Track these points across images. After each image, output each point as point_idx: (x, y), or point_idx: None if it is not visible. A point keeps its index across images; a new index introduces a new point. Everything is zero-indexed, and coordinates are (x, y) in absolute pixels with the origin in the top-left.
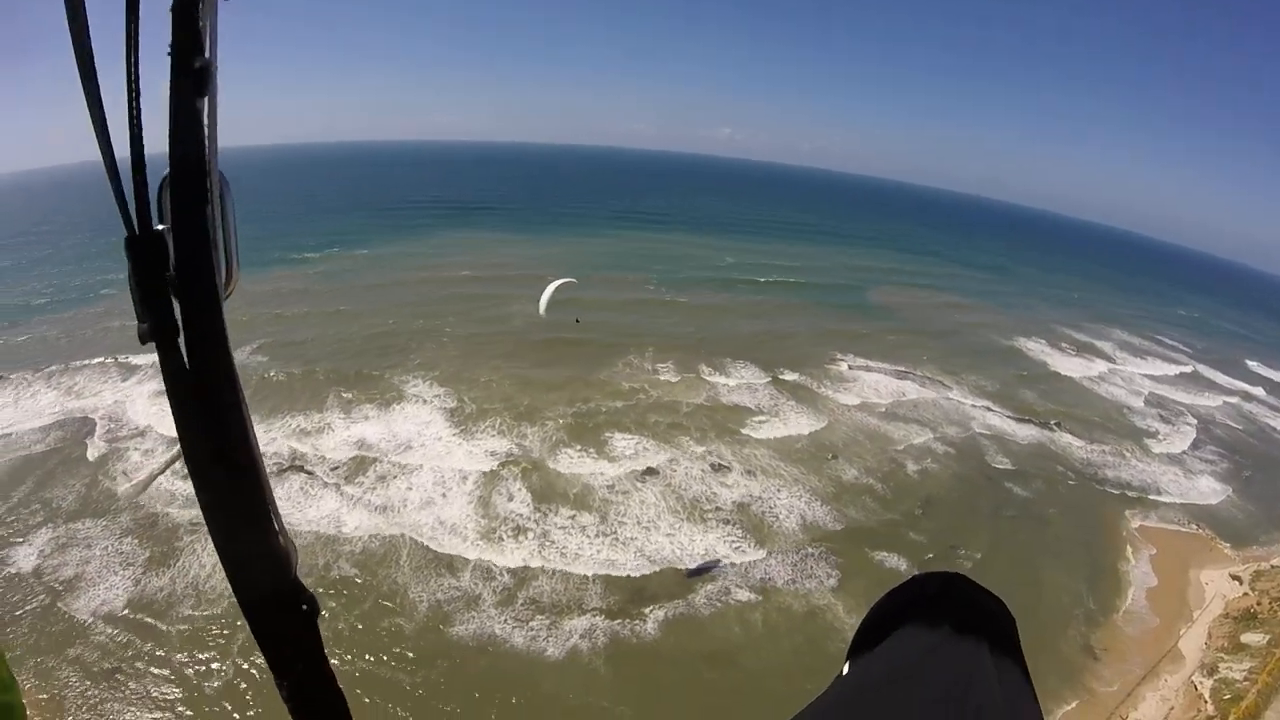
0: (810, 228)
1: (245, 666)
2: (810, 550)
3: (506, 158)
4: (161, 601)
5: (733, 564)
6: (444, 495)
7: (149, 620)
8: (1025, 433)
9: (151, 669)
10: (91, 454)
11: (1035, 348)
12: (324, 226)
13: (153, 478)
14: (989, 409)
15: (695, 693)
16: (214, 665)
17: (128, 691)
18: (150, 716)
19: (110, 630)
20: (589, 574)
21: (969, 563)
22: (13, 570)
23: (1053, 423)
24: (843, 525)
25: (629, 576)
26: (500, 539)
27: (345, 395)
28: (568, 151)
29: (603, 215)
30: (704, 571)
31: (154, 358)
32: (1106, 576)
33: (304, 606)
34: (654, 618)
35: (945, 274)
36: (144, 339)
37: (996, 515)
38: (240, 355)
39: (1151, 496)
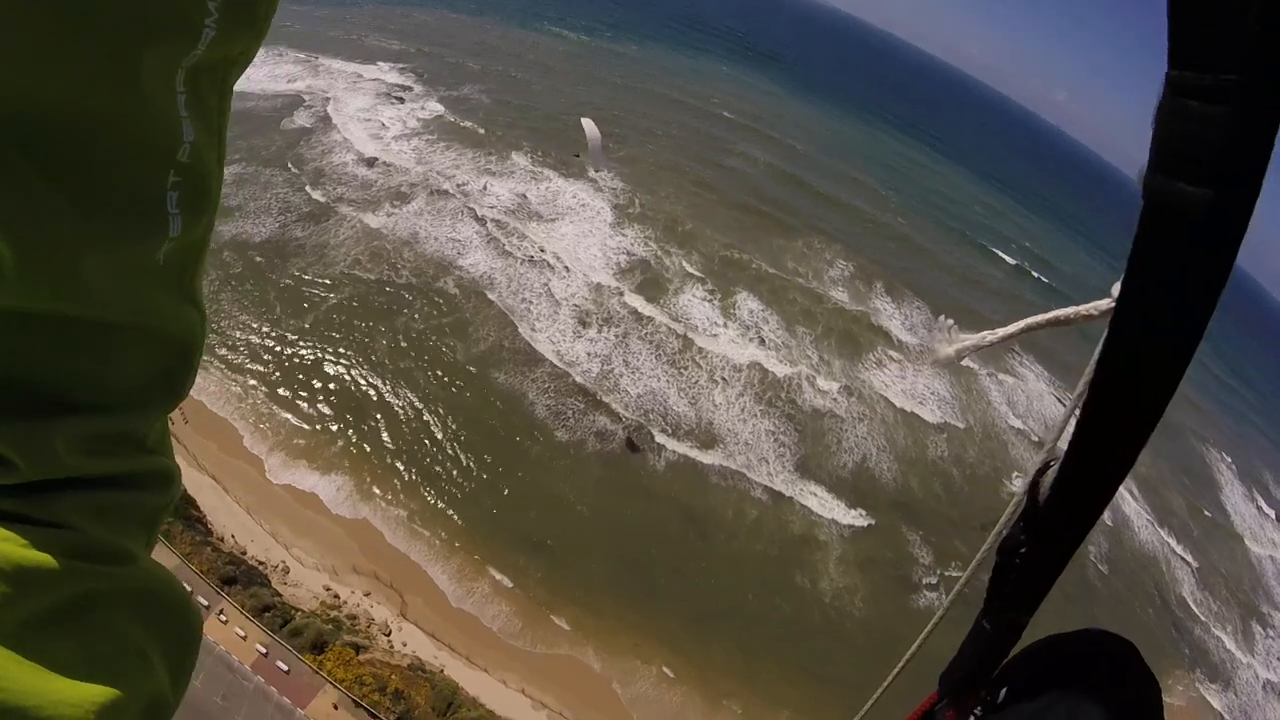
0: None
1: (307, 330)
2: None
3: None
4: (289, 251)
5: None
6: (565, 269)
7: (273, 259)
8: None
9: (251, 294)
10: (303, 122)
11: None
12: (601, 12)
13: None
14: None
15: (655, 534)
16: (292, 320)
17: (226, 304)
18: (237, 334)
19: (234, 255)
20: (637, 392)
21: None
22: None
23: None
24: None
25: (660, 423)
26: (582, 329)
27: (538, 154)
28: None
29: (892, 117)
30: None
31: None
32: None
33: None
34: (665, 459)
35: None
36: None
37: None
38: (466, 90)
39: None
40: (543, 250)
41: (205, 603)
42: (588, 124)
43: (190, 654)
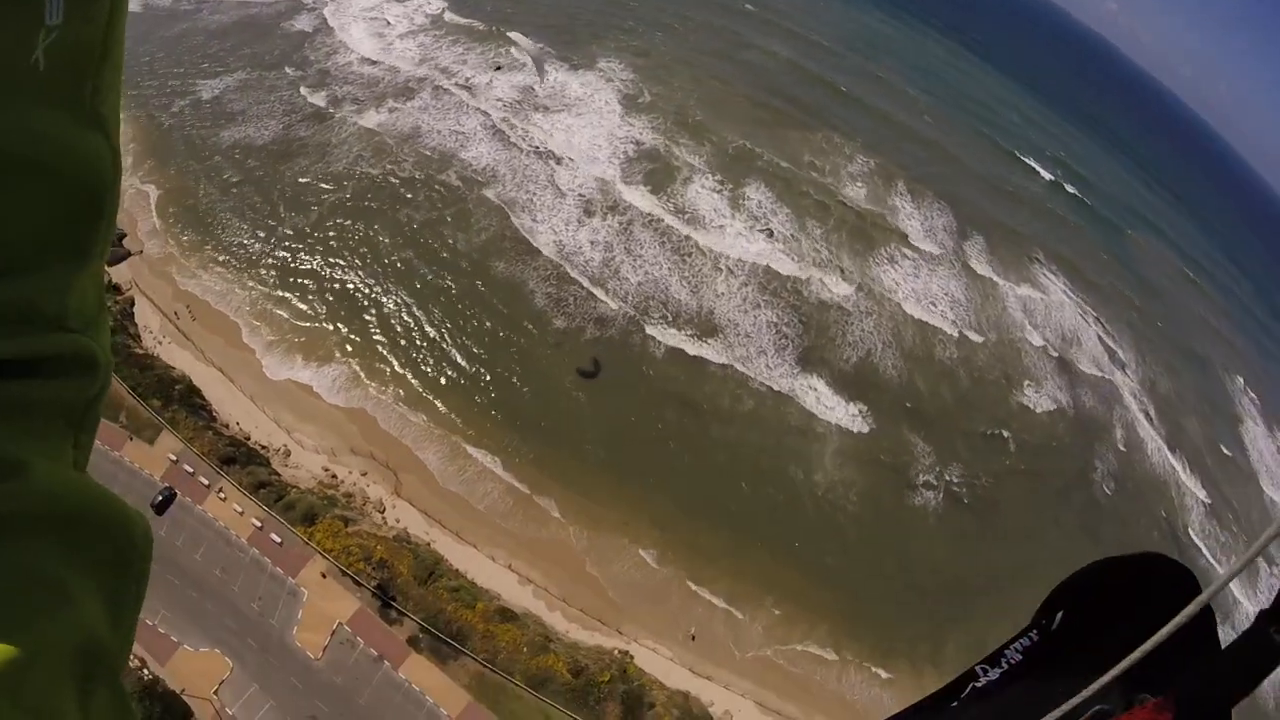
0: None
1: (311, 227)
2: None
3: None
4: (291, 152)
5: (752, 369)
6: (570, 160)
7: (276, 160)
8: None
9: (254, 195)
10: (305, 25)
11: None
12: None
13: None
14: None
15: (649, 421)
16: (296, 218)
17: (232, 205)
18: (243, 233)
19: (240, 157)
20: (638, 280)
21: None
22: (197, 96)
23: None
24: None
25: (660, 311)
26: (586, 219)
27: (545, 47)
28: None
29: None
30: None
31: None
32: None
33: None
34: (664, 347)
35: None
36: None
37: None
38: None
39: None
40: (547, 141)
41: (205, 482)
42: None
43: (131, 579)
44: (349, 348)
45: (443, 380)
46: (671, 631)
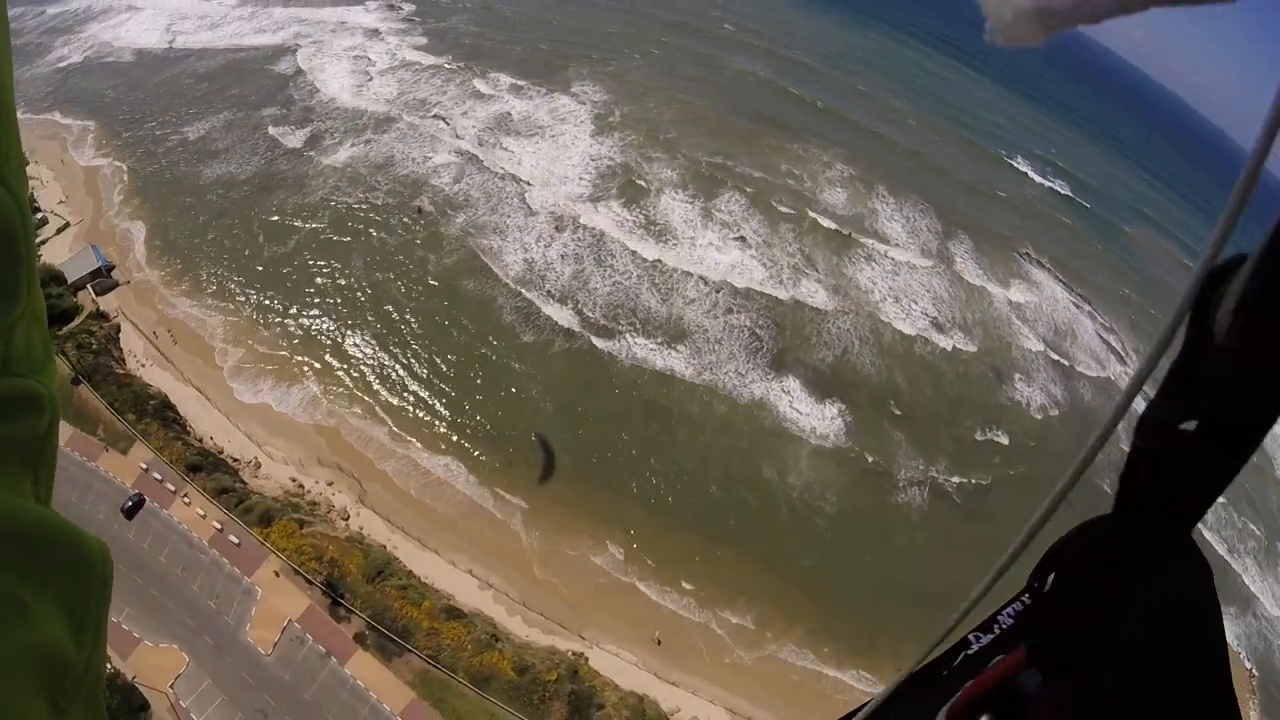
0: None
1: (284, 259)
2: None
3: None
4: (272, 185)
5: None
6: (542, 181)
7: (257, 193)
8: None
9: (235, 226)
10: (289, 66)
11: None
12: None
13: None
14: None
15: (618, 427)
16: (273, 250)
17: (213, 237)
18: (222, 254)
19: (223, 191)
20: (607, 290)
21: None
22: (184, 136)
23: None
24: None
25: (629, 319)
26: (556, 234)
27: (520, 79)
28: None
29: None
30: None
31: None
32: None
33: None
34: (632, 354)
35: None
36: None
37: None
38: (453, 21)
39: None
40: (519, 163)
41: (172, 488)
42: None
43: (93, 600)
44: (321, 364)
45: (408, 392)
46: (637, 636)
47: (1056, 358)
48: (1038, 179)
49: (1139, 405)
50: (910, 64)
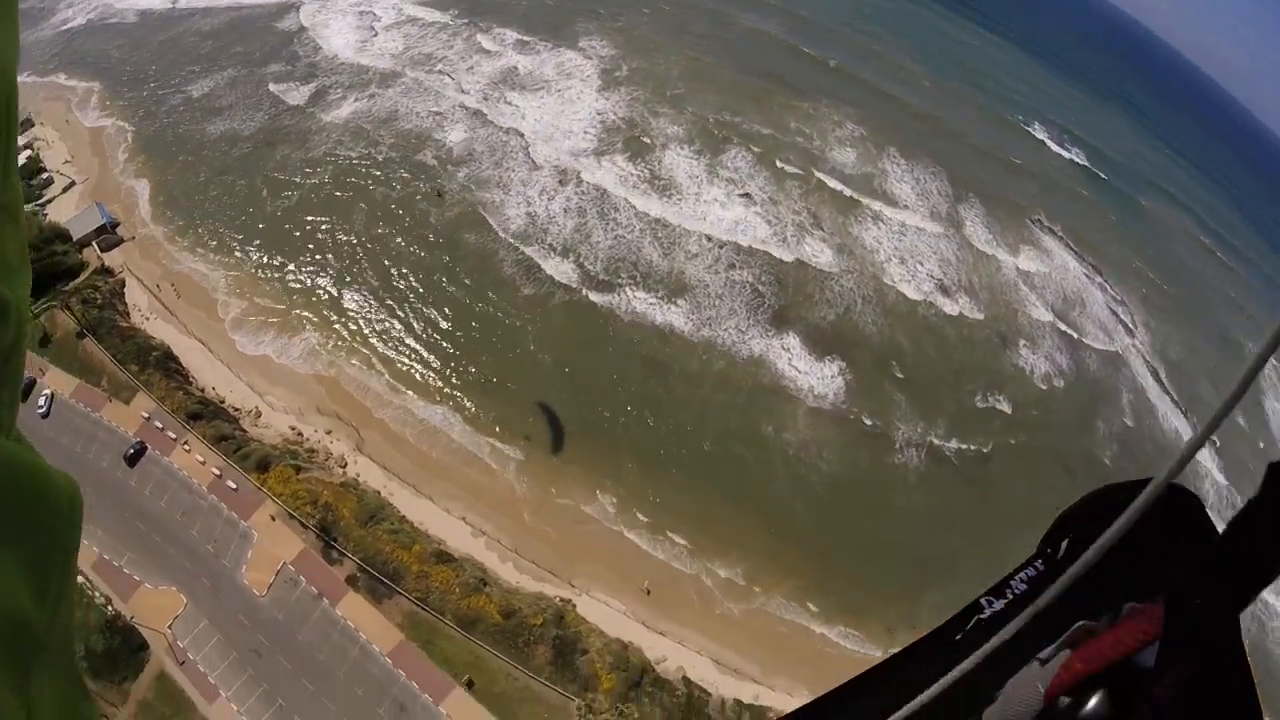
0: None
1: (287, 214)
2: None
3: None
4: (275, 140)
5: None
6: (546, 134)
7: (261, 148)
8: None
9: (239, 182)
10: (287, 26)
11: None
12: None
13: None
14: None
15: (615, 380)
16: (276, 204)
17: (215, 193)
18: (226, 209)
19: (226, 148)
20: (609, 244)
21: None
22: (188, 94)
23: None
24: None
25: (630, 272)
26: (559, 188)
27: (527, 32)
28: None
29: None
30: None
31: None
32: None
33: None
34: (633, 308)
35: None
36: None
37: None
38: None
39: None
40: (523, 118)
41: (173, 436)
42: None
43: (59, 550)
44: (321, 317)
45: (406, 344)
46: (626, 585)
47: (1064, 328)
48: (1055, 147)
49: None
50: (927, 26)
